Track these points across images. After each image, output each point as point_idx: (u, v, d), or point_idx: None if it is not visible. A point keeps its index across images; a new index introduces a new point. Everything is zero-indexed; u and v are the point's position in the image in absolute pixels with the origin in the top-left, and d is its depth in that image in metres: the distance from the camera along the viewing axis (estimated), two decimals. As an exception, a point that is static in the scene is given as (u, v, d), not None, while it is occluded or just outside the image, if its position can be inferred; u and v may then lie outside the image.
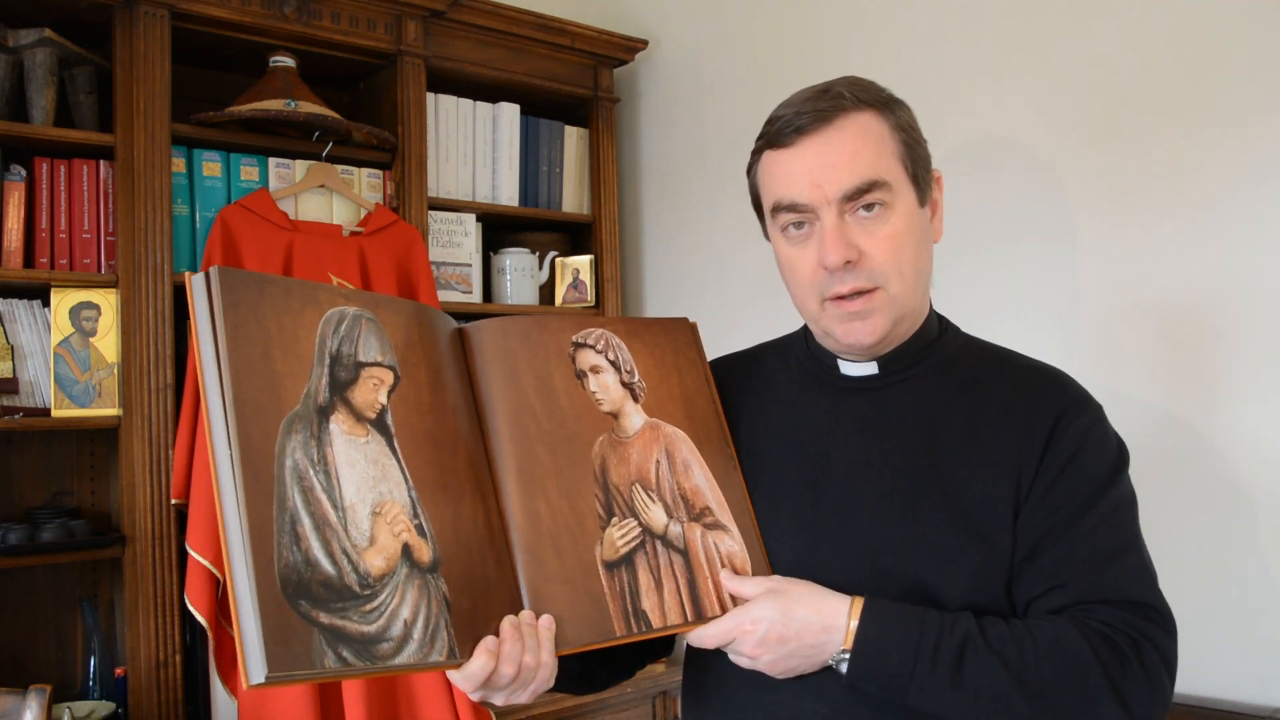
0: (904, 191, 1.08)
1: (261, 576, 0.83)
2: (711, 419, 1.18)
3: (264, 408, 0.90)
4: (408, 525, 0.95)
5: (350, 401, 0.96)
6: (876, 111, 1.08)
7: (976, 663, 0.98)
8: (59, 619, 2.25)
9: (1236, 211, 1.79)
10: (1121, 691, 0.98)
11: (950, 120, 2.18)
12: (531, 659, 0.95)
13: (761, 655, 1.03)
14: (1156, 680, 1.00)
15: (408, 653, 0.89)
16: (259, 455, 0.88)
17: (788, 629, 1.02)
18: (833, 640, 1.01)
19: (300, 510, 0.88)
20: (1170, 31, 1.87)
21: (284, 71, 2.36)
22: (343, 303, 1.00)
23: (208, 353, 0.91)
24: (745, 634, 1.03)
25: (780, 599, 1.03)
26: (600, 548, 1.05)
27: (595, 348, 1.15)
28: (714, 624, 1.05)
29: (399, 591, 0.91)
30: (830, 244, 1.05)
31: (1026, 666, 0.98)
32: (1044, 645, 0.99)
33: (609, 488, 1.08)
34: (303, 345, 0.95)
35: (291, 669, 0.81)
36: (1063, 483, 1.05)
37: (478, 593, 0.97)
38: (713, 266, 2.79)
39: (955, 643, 0.99)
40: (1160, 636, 1.02)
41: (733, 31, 2.75)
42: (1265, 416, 1.75)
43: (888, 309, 1.08)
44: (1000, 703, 0.98)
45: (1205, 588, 1.80)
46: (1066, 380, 1.13)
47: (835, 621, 1.01)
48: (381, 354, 1.01)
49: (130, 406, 2.09)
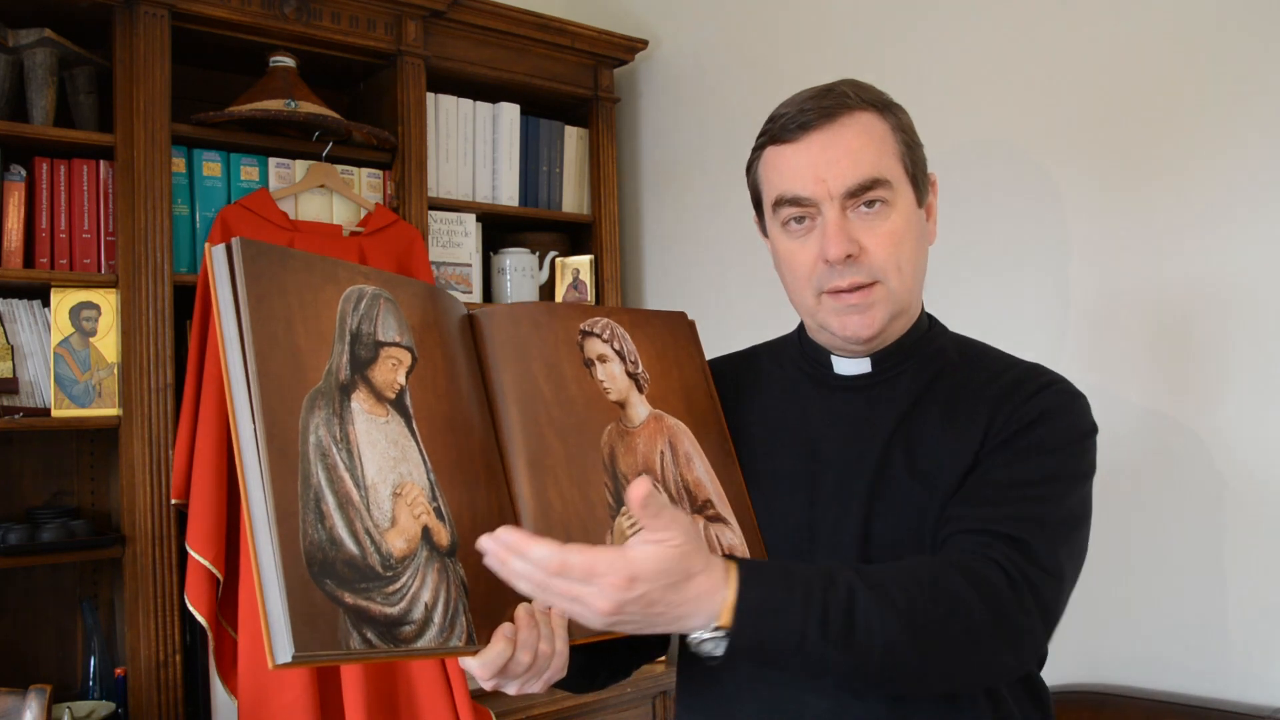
0: (904, 191, 1.10)
1: (287, 553, 0.80)
2: (710, 413, 1.18)
3: (288, 383, 0.87)
4: (427, 508, 0.93)
5: (371, 380, 0.94)
6: (878, 112, 1.10)
7: (866, 612, 0.90)
8: (59, 619, 2.25)
9: (1229, 212, 1.79)
10: (1006, 626, 0.94)
11: (948, 121, 2.18)
12: (547, 646, 0.94)
13: (613, 617, 0.85)
14: (1024, 605, 0.95)
15: (429, 636, 0.87)
16: (283, 431, 0.85)
17: (665, 596, 0.86)
18: (703, 612, 0.88)
19: (325, 488, 0.86)
20: (1162, 33, 1.87)
21: (284, 71, 2.36)
22: (362, 280, 0.98)
23: (229, 327, 0.88)
24: (612, 588, 0.83)
25: (676, 561, 0.86)
26: (610, 537, 1.05)
27: (602, 336, 1.14)
28: (574, 552, 0.84)
29: (420, 574, 0.89)
30: (833, 238, 1.07)
31: (915, 607, 0.91)
32: (922, 579, 0.93)
33: (618, 477, 1.08)
34: (324, 321, 0.93)
35: (318, 649, 0.79)
36: (1015, 444, 1.05)
37: (493, 579, 0.95)
38: (713, 266, 2.80)
39: (842, 595, 0.90)
40: (1034, 574, 0.97)
41: (733, 31, 2.75)
42: (1260, 415, 1.75)
43: (886, 303, 1.10)
44: (891, 655, 0.91)
45: (1204, 588, 1.80)
46: (1045, 371, 1.14)
47: (714, 598, 0.88)
48: (400, 334, 0.99)
49: (130, 406, 2.09)
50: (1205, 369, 1.82)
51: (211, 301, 0.91)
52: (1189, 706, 1.74)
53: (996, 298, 2.11)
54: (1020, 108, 2.10)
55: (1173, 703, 1.74)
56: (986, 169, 2.13)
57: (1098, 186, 1.97)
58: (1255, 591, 1.76)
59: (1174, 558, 1.82)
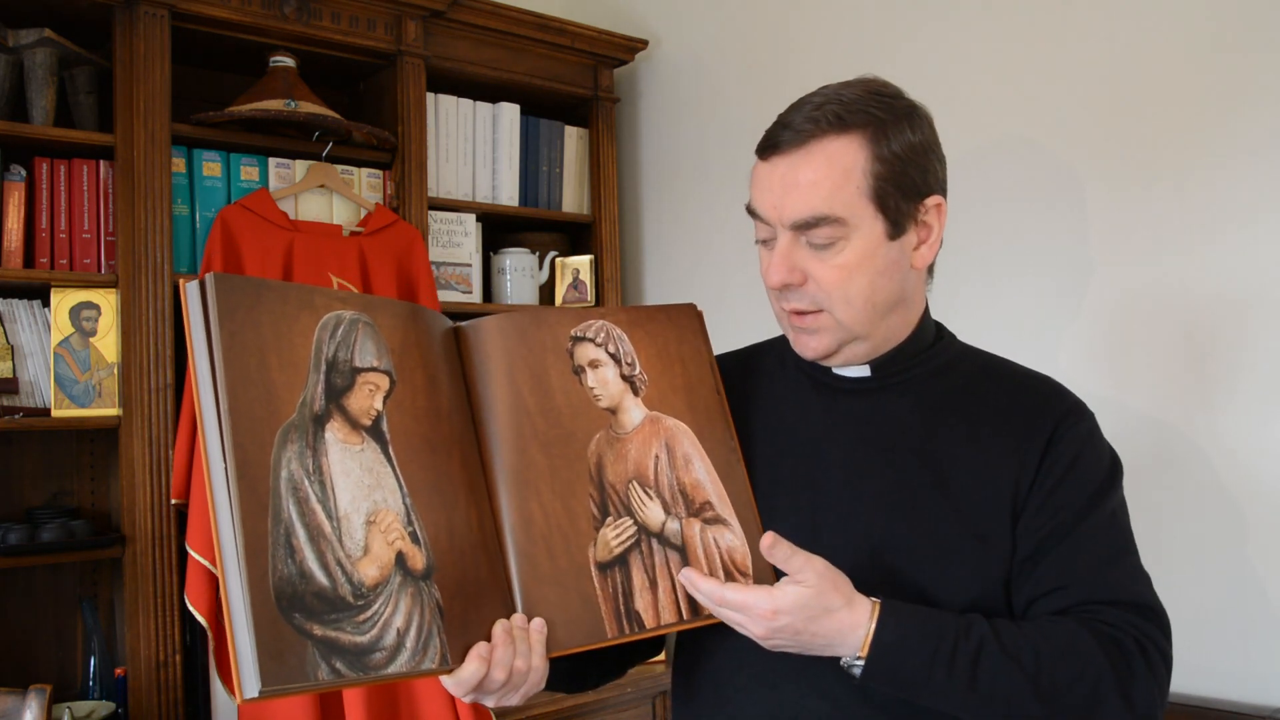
0: (864, 225, 1.06)
1: (256, 591, 0.83)
2: (715, 409, 1.17)
3: (259, 419, 0.90)
4: (401, 533, 0.95)
5: (346, 409, 0.96)
6: (862, 136, 1.05)
7: (992, 665, 0.99)
8: (59, 619, 2.25)
9: (1246, 217, 1.79)
10: (1129, 692, 1.00)
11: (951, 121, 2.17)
12: (522, 663, 0.97)
13: (769, 640, 1.01)
14: (1160, 680, 1.02)
15: (400, 661, 0.90)
16: (254, 467, 0.88)
17: (805, 627, 0.99)
18: (848, 643, 1.00)
19: (295, 522, 0.88)
20: (1180, 38, 1.87)
21: (284, 71, 2.36)
22: (339, 306, 0.99)
23: (202, 364, 0.91)
24: (761, 618, 1.00)
25: (812, 599, 0.99)
26: (594, 549, 1.05)
27: (595, 340, 1.14)
28: (732, 590, 1.01)
29: (392, 600, 0.92)
30: (774, 265, 1.08)
31: (1041, 668, 0.99)
32: (1057, 647, 1.00)
33: (604, 487, 1.08)
34: (299, 352, 0.95)
35: (285, 682, 0.82)
36: (1063, 489, 1.07)
37: (470, 598, 0.98)
38: (713, 266, 2.80)
39: (972, 646, 0.99)
40: (1159, 637, 1.04)
41: (733, 31, 2.75)
42: (1263, 418, 1.75)
43: (833, 331, 1.10)
44: (1013, 704, 0.99)
45: (1205, 589, 1.80)
46: (1062, 389, 1.15)
47: (855, 631, 1.00)
48: (378, 358, 1.00)
49: (130, 406, 2.09)
50: (1219, 373, 1.82)
51: (186, 339, 0.93)
52: (1189, 706, 1.75)
53: (1011, 302, 2.11)
54: (1032, 112, 2.09)
55: (1173, 702, 1.74)
56: (999, 174, 2.13)
57: (1113, 191, 1.96)
58: (1260, 592, 1.76)
59: (1176, 558, 1.81)
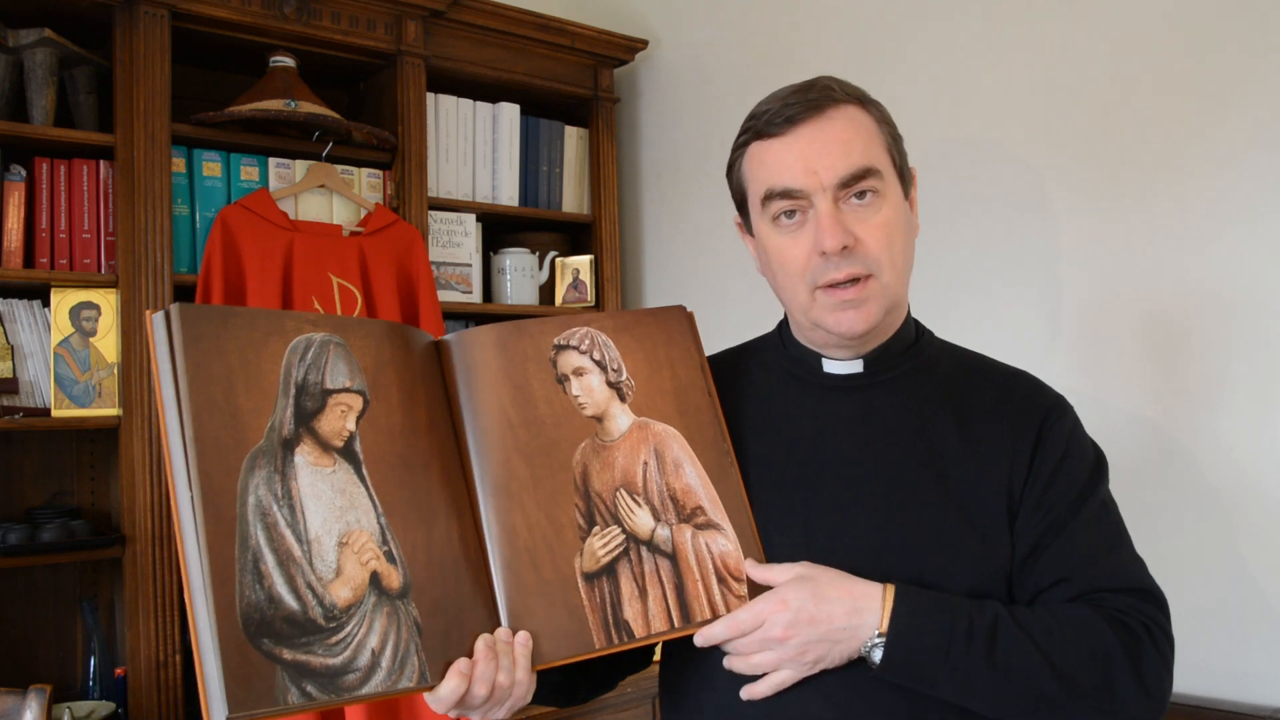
0: (893, 182, 1.10)
1: (223, 618, 0.84)
2: (706, 412, 1.15)
3: (226, 446, 0.90)
4: (376, 553, 0.95)
5: (316, 431, 0.96)
6: (861, 105, 1.11)
7: (1009, 643, 1.00)
8: (59, 619, 2.25)
9: (1222, 217, 1.79)
10: (1141, 672, 1.02)
11: (942, 123, 2.18)
12: (505, 678, 0.96)
13: (792, 638, 1.00)
14: (1167, 661, 1.04)
15: (375, 681, 0.90)
16: (220, 495, 0.88)
17: (819, 609, 1.00)
18: (866, 623, 1.00)
19: (263, 548, 0.89)
20: (1156, 39, 1.87)
21: (284, 71, 2.36)
22: (310, 329, 0.99)
23: (168, 393, 0.91)
24: (775, 615, 1.01)
25: (810, 583, 1.02)
26: (580, 559, 1.04)
27: (579, 348, 1.12)
28: (741, 610, 1.03)
29: (366, 621, 0.91)
30: (828, 229, 1.05)
31: (1055, 647, 1.00)
32: (1071, 628, 1.02)
33: (590, 496, 1.07)
34: (267, 378, 0.95)
35: (253, 707, 0.83)
36: (1055, 485, 1.09)
37: (451, 614, 0.97)
38: (713, 266, 2.79)
39: (987, 623, 1.00)
40: (1162, 619, 1.06)
41: (733, 31, 2.75)
42: (1256, 418, 1.75)
43: (880, 297, 1.09)
44: (1030, 683, 1.00)
45: (1203, 589, 1.80)
46: (1042, 385, 1.17)
47: (869, 604, 1.01)
48: (350, 379, 1.00)
49: (130, 406, 2.09)
50: (1199, 373, 1.82)
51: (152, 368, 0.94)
52: (1189, 706, 1.75)
53: (989, 302, 2.11)
54: (1012, 112, 2.09)
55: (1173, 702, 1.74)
56: (978, 173, 2.13)
57: (1089, 191, 1.97)
58: (1255, 592, 1.76)
59: (1172, 560, 1.81)
